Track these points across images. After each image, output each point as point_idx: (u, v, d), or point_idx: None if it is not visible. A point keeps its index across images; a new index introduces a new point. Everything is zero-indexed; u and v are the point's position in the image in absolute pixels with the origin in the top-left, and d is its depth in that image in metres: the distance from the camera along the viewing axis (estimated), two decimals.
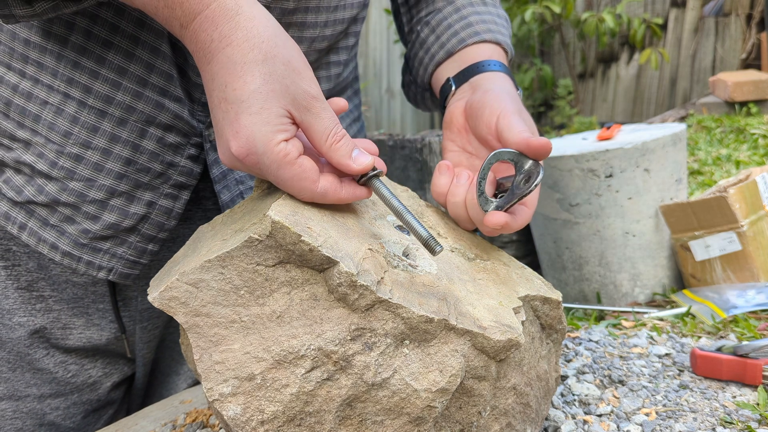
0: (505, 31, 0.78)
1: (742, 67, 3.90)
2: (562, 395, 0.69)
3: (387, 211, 0.59)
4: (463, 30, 0.75)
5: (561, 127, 4.34)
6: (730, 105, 3.15)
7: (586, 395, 0.68)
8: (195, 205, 0.79)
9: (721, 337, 0.88)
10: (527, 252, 1.90)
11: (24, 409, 0.77)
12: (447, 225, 0.64)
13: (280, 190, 0.52)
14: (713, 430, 0.62)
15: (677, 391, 0.70)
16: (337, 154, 0.50)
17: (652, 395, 0.69)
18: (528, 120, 0.63)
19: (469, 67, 0.72)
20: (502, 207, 0.57)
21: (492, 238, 2.03)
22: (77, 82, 0.65)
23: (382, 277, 0.48)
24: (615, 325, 0.95)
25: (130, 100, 0.66)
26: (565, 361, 0.78)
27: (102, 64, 0.65)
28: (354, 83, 0.88)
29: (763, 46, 3.73)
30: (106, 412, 0.84)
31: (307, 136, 0.50)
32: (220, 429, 0.64)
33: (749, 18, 3.90)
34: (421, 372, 0.47)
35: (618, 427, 0.63)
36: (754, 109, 3.04)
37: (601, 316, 1.11)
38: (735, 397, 0.69)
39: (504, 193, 0.59)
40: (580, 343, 0.83)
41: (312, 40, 0.72)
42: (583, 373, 0.74)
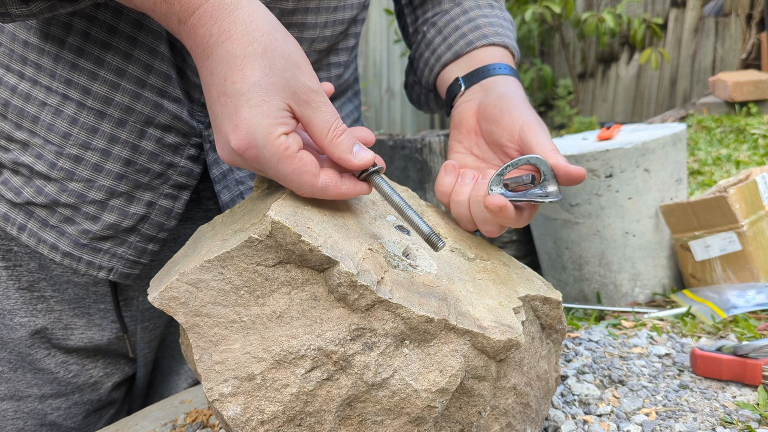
0: (512, 34, 0.78)
1: (742, 67, 3.90)
2: (562, 395, 0.69)
3: (387, 211, 0.59)
4: (471, 32, 0.75)
5: (561, 127, 4.34)
6: (730, 105, 3.15)
7: (586, 395, 0.68)
8: (195, 205, 0.79)
9: (721, 337, 0.88)
10: (527, 252, 1.90)
11: (25, 409, 0.77)
12: (447, 225, 0.64)
13: (280, 190, 0.52)
14: (713, 430, 0.62)
15: (677, 391, 0.70)
16: (338, 149, 0.50)
17: (652, 395, 0.69)
18: (546, 131, 0.63)
19: (480, 69, 0.71)
20: (509, 198, 0.58)
21: (492, 239, 2.03)
22: (76, 83, 0.65)
23: (382, 277, 0.48)
24: (615, 325, 0.95)
25: (128, 101, 0.66)
26: (565, 361, 0.78)
27: (101, 66, 0.65)
28: (354, 84, 0.88)
29: (763, 46, 3.73)
30: (107, 412, 0.84)
31: (307, 131, 0.50)
32: (220, 429, 0.64)
33: (749, 18, 3.90)
34: (421, 372, 0.47)
35: (618, 427, 0.63)
36: (754, 109, 3.04)
37: (601, 316, 1.11)
38: (735, 397, 0.69)
39: (514, 191, 0.59)
40: (580, 343, 0.83)
41: (312, 41, 0.72)
42: (583, 373, 0.74)
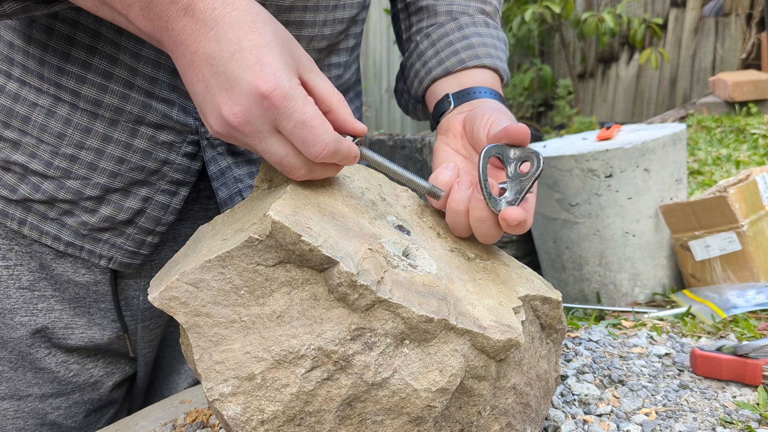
0: (503, 55, 0.77)
1: (742, 67, 3.90)
2: (562, 395, 0.69)
3: (387, 211, 0.59)
4: (464, 51, 0.74)
5: (561, 127, 4.34)
6: (730, 105, 3.15)
7: (586, 395, 0.68)
8: (195, 204, 0.79)
9: (721, 337, 0.88)
10: (527, 252, 1.90)
11: (26, 409, 0.77)
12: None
13: (280, 190, 0.52)
14: (713, 430, 0.62)
15: (677, 391, 0.70)
16: (345, 110, 0.52)
17: (652, 395, 0.69)
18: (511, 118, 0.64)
19: (469, 90, 0.72)
20: (514, 202, 0.56)
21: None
22: (65, 86, 0.66)
23: (382, 277, 0.48)
24: (615, 325, 0.95)
25: (117, 102, 0.67)
26: (565, 361, 0.78)
27: (88, 69, 0.66)
28: (356, 86, 0.88)
29: (763, 46, 3.73)
30: (107, 411, 0.85)
31: (313, 95, 0.51)
32: (220, 429, 0.64)
33: (749, 18, 3.90)
34: (421, 372, 0.47)
35: (618, 427, 0.63)
36: (754, 109, 3.04)
37: (601, 316, 1.11)
38: (735, 397, 0.69)
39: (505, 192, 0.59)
40: (580, 343, 0.83)
41: (310, 39, 0.72)
42: (583, 373, 0.74)
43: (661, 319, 0.98)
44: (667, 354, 0.80)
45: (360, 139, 0.53)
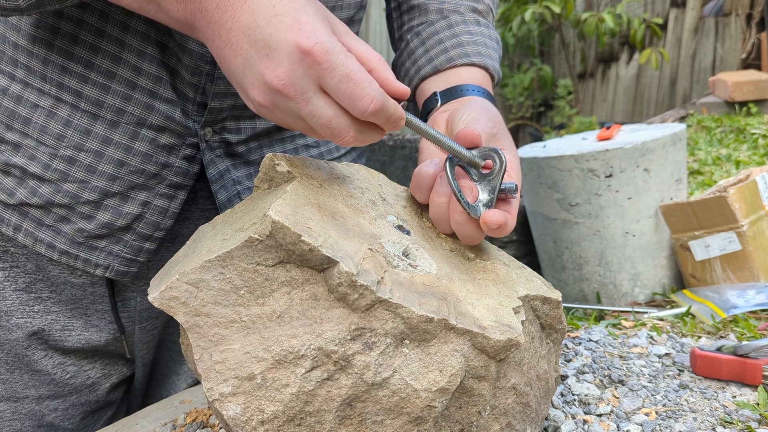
0: (495, 54, 0.77)
1: (742, 67, 3.90)
2: (562, 395, 0.69)
3: (387, 211, 0.59)
4: (453, 49, 0.74)
5: (561, 127, 4.34)
6: (730, 105, 3.15)
7: (586, 395, 0.68)
8: (193, 205, 0.79)
9: (721, 337, 0.88)
10: (527, 252, 1.90)
11: (23, 411, 0.77)
12: None
13: (280, 190, 0.52)
14: (713, 430, 0.62)
15: (677, 391, 0.70)
16: (386, 71, 0.50)
17: (652, 395, 0.69)
18: (501, 132, 0.62)
19: (457, 87, 0.71)
20: (490, 203, 0.56)
21: (492, 238, 2.03)
22: (67, 86, 0.66)
23: (382, 277, 0.48)
24: (615, 325, 0.95)
25: (120, 103, 0.66)
26: (565, 361, 0.78)
27: (90, 69, 0.65)
28: None
29: (763, 46, 3.73)
30: (105, 413, 0.84)
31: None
32: (220, 429, 0.64)
33: (749, 18, 3.90)
34: (421, 372, 0.47)
35: (618, 427, 0.63)
36: (754, 109, 3.04)
37: (601, 316, 1.11)
38: (735, 397, 0.69)
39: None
40: (580, 343, 0.83)
41: None
42: (583, 372, 0.74)
43: (661, 319, 0.98)
44: (667, 354, 0.80)
45: (403, 104, 0.52)
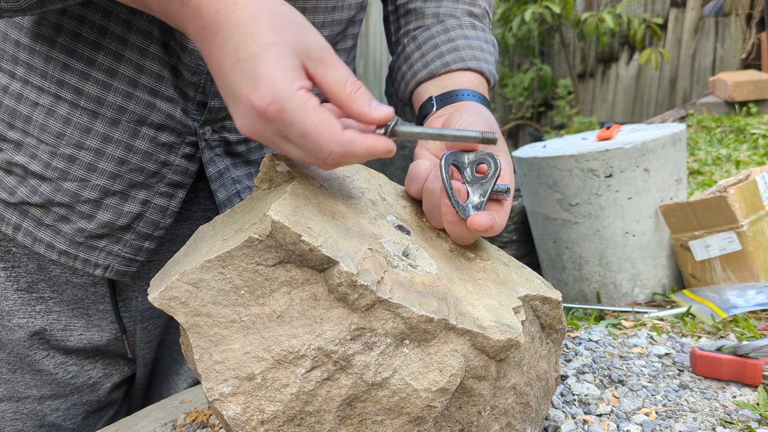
0: (491, 57, 0.77)
1: (742, 67, 3.90)
2: (562, 395, 0.69)
3: (387, 211, 0.59)
4: (449, 53, 0.74)
5: (561, 127, 4.35)
6: (730, 105, 3.15)
7: (586, 395, 0.68)
8: (193, 204, 0.79)
9: (721, 337, 0.88)
10: (527, 252, 1.90)
11: (24, 411, 0.77)
12: None
13: (280, 190, 0.52)
14: (713, 430, 0.62)
15: (677, 391, 0.70)
16: (357, 103, 0.48)
17: (652, 395, 0.69)
18: (500, 144, 0.61)
19: (452, 92, 0.71)
20: (480, 205, 0.56)
21: (492, 238, 2.03)
22: (67, 83, 0.66)
23: (382, 277, 0.48)
24: (615, 325, 0.95)
25: (121, 101, 0.66)
26: (565, 361, 0.78)
27: (92, 66, 0.65)
28: None
29: (763, 46, 3.73)
30: (106, 412, 0.84)
31: (323, 90, 0.49)
32: (220, 429, 0.64)
33: (749, 18, 3.90)
34: (421, 372, 0.47)
35: (618, 427, 0.63)
36: (754, 109, 3.04)
37: (601, 316, 1.11)
38: (735, 397, 0.69)
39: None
40: (580, 343, 0.83)
41: None
42: (583, 372, 0.74)
43: (661, 319, 0.98)
44: (667, 354, 0.80)
45: (395, 120, 0.50)
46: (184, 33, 0.53)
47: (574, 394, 0.69)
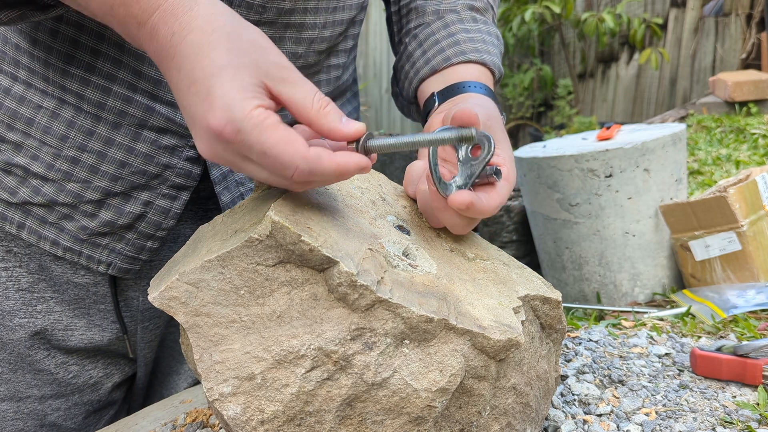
0: (494, 49, 0.76)
1: (742, 67, 3.90)
2: (562, 395, 0.69)
3: (387, 211, 0.59)
4: (449, 48, 0.74)
5: (561, 127, 4.35)
6: (730, 105, 3.15)
7: (586, 395, 0.68)
8: (195, 205, 0.79)
9: (721, 337, 0.88)
10: (527, 252, 1.90)
11: (25, 410, 0.77)
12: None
13: (280, 190, 0.52)
14: (713, 430, 0.62)
15: (677, 391, 0.70)
16: (326, 119, 0.46)
17: (652, 395, 0.69)
18: (495, 126, 0.60)
19: (454, 86, 0.70)
20: (464, 186, 0.54)
21: (492, 238, 2.03)
22: (69, 88, 0.66)
23: (382, 277, 0.48)
24: (615, 325, 0.95)
25: (121, 105, 0.67)
26: (565, 361, 0.78)
27: (92, 72, 0.66)
28: (353, 86, 0.88)
29: (763, 46, 3.73)
30: (107, 412, 0.85)
31: (290, 110, 0.47)
32: (220, 429, 0.64)
33: (749, 18, 3.90)
34: (421, 372, 0.47)
35: (618, 426, 0.63)
36: (754, 109, 3.04)
37: (601, 316, 1.11)
38: (735, 397, 0.69)
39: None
40: (580, 343, 0.83)
41: (311, 41, 0.72)
42: (583, 372, 0.74)
43: (661, 319, 0.98)
44: (667, 354, 0.80)
45: (367, 135, 0.48)
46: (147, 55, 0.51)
47: (574, 394, 0.69)
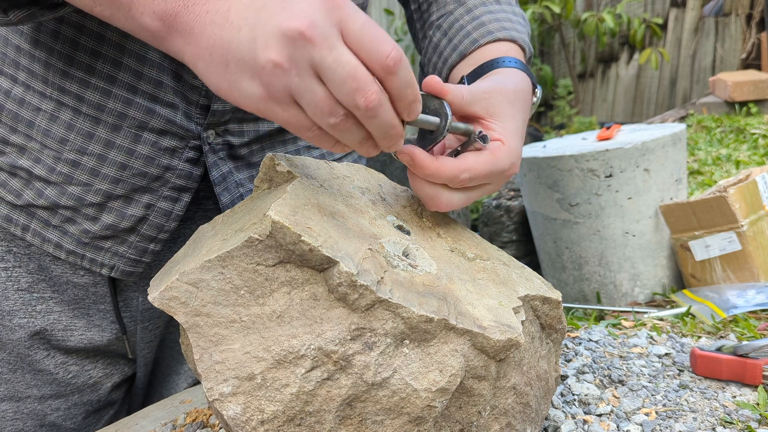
0: (521, 28, 0.74)
1: (742, 67, 3.90)
2: (562, 395, 0.69)
3: (387, 211, 0.59)
4: (475, 30, 0.73)
5: (561, 127, 4.35)
6: (730, 105, 3.15)
7: (586, 395, 0.68)
8: (195, 206, 0.79)
9: (721, 337, 0.88)
10: (527, 252, 1.90)
11: (25, 410, 0.77)
12: (447, 225, 0.64)
13: (280, 190, 0.52)
14: (713, 430, 0.62)
15: (677, 391, 0.70)
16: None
17: (652, 395, 0.69)
18: (498, 100, 0.60)
19: (484, 65, 0.69)
20: (424, 148, 0.55)
21: (492, 238, 2.03)
22: (68, 90, 0.66)
23: (382, 277, 0.48)
24: (615, 325, 0.95)
25: (121, 107, 0.67)
26: (565, 361, 0.78)
27: (92, 74, 0.66)
28: None
29: (763, 46, 3.74)
30: (107, 412, 0.85)
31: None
32: (220, 429, 0.64)
33: (749, 18, 3.90)
34: (421, 372, 0.47)
35: (618, 427, 0.63)
36: (754, 109, 3.04)
37: (601, 316, 1.11)
38: (735, 397, 0.69)
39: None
40: (579, 343, 0.83)
41: None
42: (583, 372, 0.74)
43: (661, 319, 0.98)
44: (667, 354, 0.80)
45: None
46: (165, 19, 0.47)
47: (574, 394, 0.69)
